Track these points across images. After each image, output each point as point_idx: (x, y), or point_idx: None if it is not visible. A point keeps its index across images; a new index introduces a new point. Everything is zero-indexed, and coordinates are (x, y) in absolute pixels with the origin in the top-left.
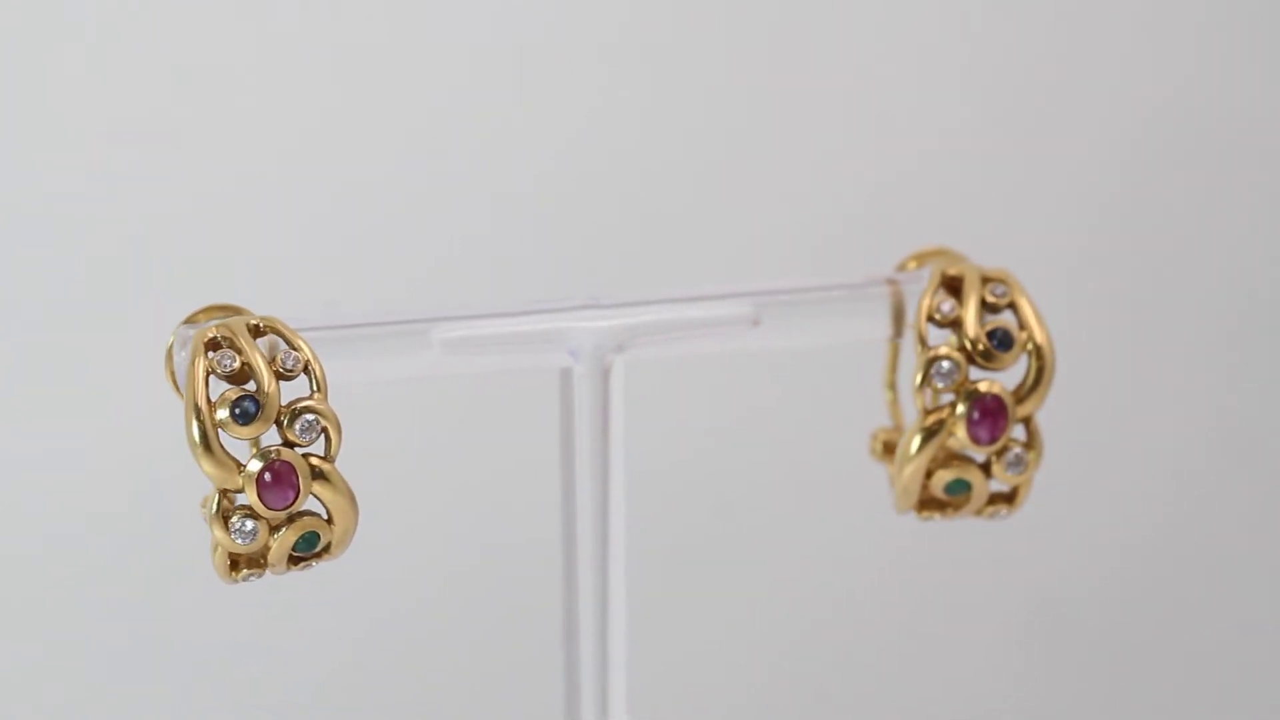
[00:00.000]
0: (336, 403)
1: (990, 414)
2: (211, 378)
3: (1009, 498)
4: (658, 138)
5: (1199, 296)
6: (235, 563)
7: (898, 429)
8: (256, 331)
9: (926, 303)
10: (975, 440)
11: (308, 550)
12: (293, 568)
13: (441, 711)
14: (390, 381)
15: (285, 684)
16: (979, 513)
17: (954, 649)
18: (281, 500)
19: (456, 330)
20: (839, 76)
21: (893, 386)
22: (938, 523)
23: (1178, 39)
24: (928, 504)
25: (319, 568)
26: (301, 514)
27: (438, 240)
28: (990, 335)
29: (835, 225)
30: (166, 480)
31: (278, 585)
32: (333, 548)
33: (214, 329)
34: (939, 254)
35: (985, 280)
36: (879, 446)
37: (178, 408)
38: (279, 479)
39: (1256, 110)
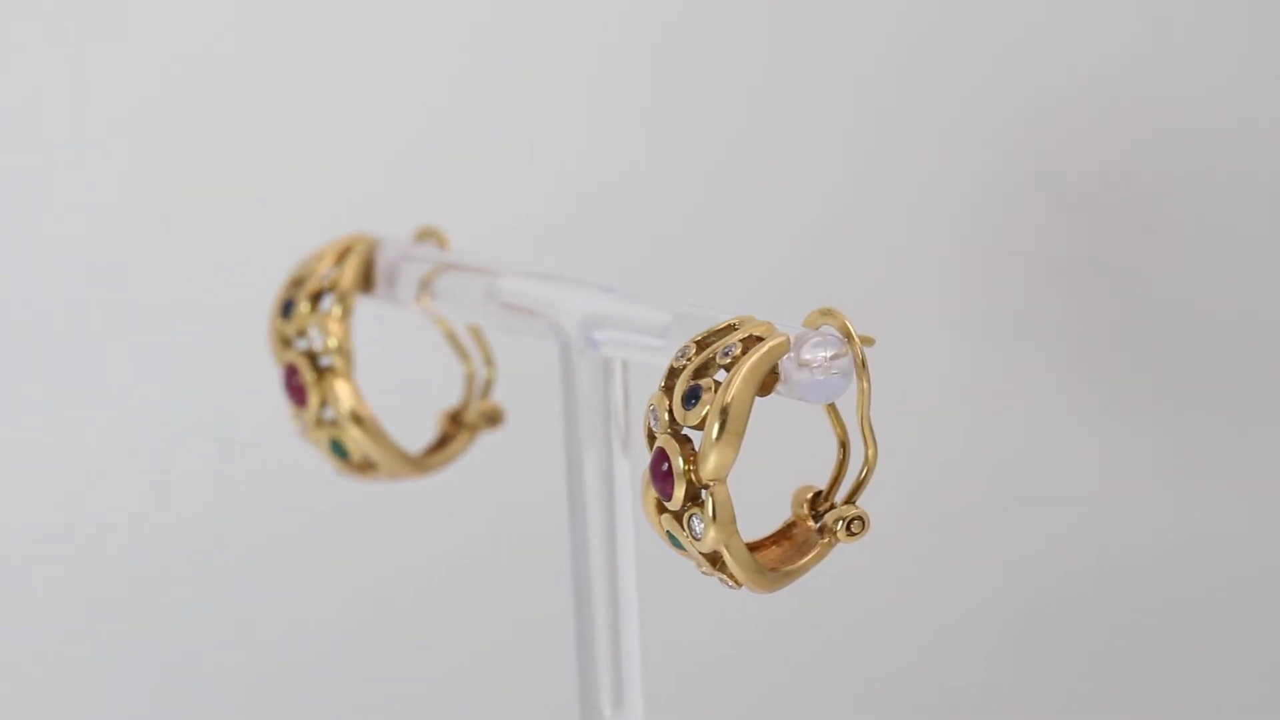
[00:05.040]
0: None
1: (668, 469)
2: None
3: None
4: (666, 141)
5: (1194, 295)
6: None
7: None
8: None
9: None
10: (658, 492)
11: (342, 457)
12: (355, 475)
13: (453, 696)
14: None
15: (294, 675)
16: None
17: (952, 642)
18: (293, 399)
19: (447, 280)
20: (836, 80)
21: None
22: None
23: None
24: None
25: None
26: (331, 422)
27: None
28: (685, 392)
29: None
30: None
31: (294, 575)
32: (377, 465)
33: (330, 245)
34: (821, 314)
35: (748, 341)
36: None
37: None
38: (296, 382)
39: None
